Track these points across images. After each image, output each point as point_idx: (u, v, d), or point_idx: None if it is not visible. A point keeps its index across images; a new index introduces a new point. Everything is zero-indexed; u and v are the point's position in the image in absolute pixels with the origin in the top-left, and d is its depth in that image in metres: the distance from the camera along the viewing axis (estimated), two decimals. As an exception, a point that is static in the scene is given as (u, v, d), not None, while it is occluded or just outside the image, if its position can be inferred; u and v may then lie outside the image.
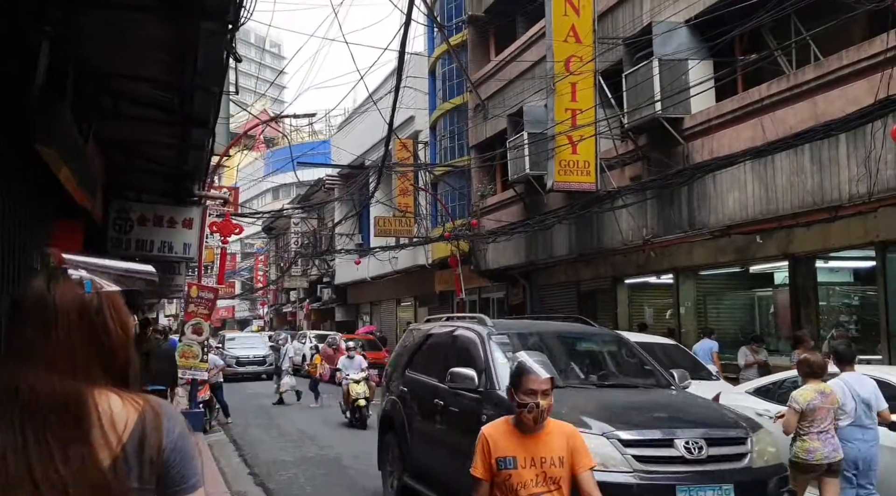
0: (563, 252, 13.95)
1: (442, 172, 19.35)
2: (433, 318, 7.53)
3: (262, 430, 12.00)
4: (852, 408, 4.83)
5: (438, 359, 5.90)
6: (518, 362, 2.76)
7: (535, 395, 2.62)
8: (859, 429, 4.83)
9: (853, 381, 4.94)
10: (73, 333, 1.19)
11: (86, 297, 1.23)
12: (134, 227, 7.16)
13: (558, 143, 11.39)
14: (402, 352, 7.08)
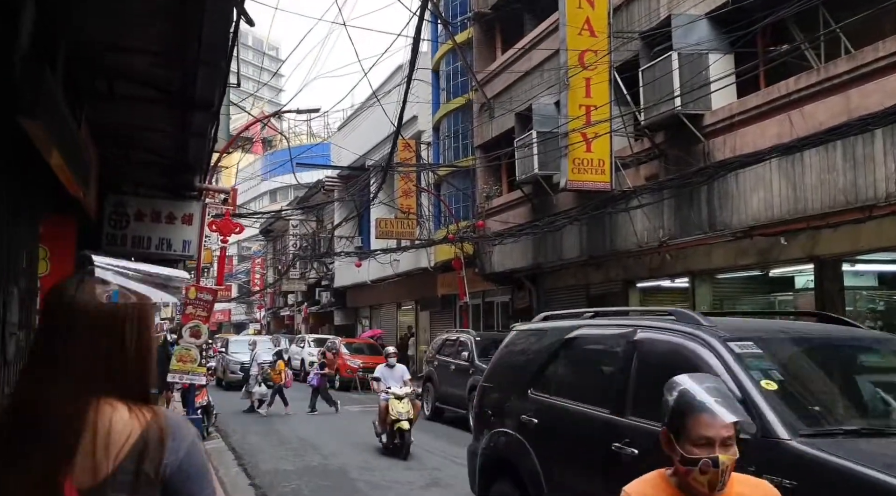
0: (573, 254, 13.54)
1: (446, 173, 18.95)
2: (560, 314, 5.21)
3: (261, 438, 11.52)
4: None
5: (603, 379, 4.01)
6: (679, 393, 1.87)
7: (711, 447, 1.77)
8: None
9: None
10: (87, 343, 1.19)
11: (106, 307, 1.22)
12: (130, 223, 6.71)
13: (572, 140, 10.99)
14: (512, 364, 4.94)
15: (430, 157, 20.67)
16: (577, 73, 10.89)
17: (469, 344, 12.65)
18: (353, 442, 10.99)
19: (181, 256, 6.95)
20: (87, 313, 1.20)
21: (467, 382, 12.04)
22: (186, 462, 1.22)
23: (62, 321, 1.20)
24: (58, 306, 1.21)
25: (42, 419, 1.15)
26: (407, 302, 25.13)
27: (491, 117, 16.88)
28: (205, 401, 12.28)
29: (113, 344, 1.21)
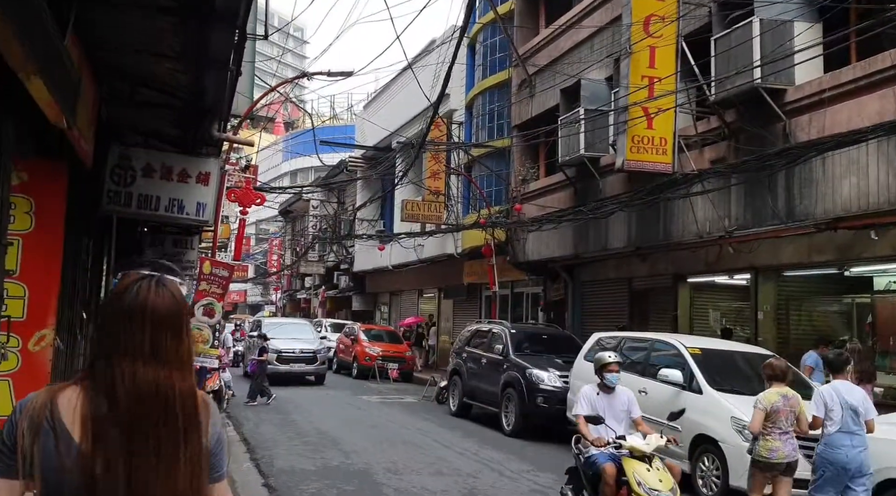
0: (620, 244, 12.42)
1: (480, 154, 17.83)
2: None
3: (276, 428, 10.62)
4: (839, 414, 4.95)
5: None
6: None
7: None
8: (847, 435, 4.94)
9: (842, 389, 5.06)
10: (189, 339, 1.46)
11: (184, 304, 1.48)
12: (137, 179, 5.76)
13: (631, 115, 9.86)
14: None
15: (461, 137, 19.58)
16: (641, 40, 9.75)
17: (503, 336, 11.64)
18: (376, 437, 10.05)
19: (195, 221, 5.99)
20: (185, 308, 1.46)
21: (501, 378, 11.05)
22: (222, 435, 1.48)
23: (176, 319, 1.43)
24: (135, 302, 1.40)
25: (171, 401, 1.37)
26: (429, 289, 24.16)
27: (531, 95, 15.75)
28: (216, 385, 11.42)
29: (188, 336, 1.46)
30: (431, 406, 14.16)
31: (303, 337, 18.00)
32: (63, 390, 1.36)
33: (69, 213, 4.79)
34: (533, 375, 10.37)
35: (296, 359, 16.97)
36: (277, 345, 16.49)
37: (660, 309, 13.24)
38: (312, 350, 17.32)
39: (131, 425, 1.32)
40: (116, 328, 1.38)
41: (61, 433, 1.31)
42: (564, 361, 10.81)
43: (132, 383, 1.34)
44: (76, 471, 1.29)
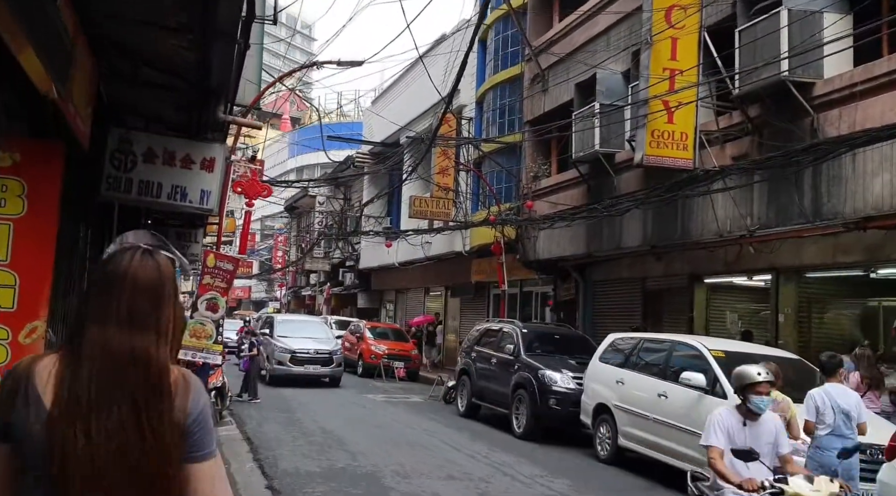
0: (635, 243, 12.08)
1: (491, 150, 17.50)
2: None
3: (280, 427, 10.33)
4: (832, 418, 4.97)
5: None
6: None
7: None
8: (838, 438, 4.95)
9: (834, 393, 5.07)
10: (171, 310, 1.42)
11: (175, 279, 1.48)
12: (138, 165, 5.47)
13: (652, 108, 9.52)
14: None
15: (471, 132, 19.26)
16: (662, 31, 9.41)
17: (514, 336, 11.32)
18: (383, 438, 9.75)
19: (198, 210, 5.69)
20: (170, 280, 1.43)
21: (511, 378, 10.73)
22: (204, 415, 1.41)
23: (157, 288, 1.40)
24: (153, 276, 1.41)
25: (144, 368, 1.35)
26: (436, 287, 23.85)
27: (544, 90, 15.41)
28: (219, 382, 11.12)
29: (179, 309, 1.46)
30: (438, 406, 13.86)
31: (318, 336, 16.66)
32: (43, 358, 1.37)
33: (65, 198, 4.50)
34: (545, 376, 10.05)
35: (311, 360, 15.63)
36: (291, 345, 15.47)
37: (674, 310, 12.89)
38: (328, 351, 15.87)
39: (98, 390, 1.31)
40: (96, 294, 1.40)
41: (33, 399, 1.31)
42: (578, 362, 10.49)
43: (102, 348, 1.34)
44: (43, 436, 1.28)
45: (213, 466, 1.42)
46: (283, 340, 15.86)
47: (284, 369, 15.18)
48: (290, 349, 15.38)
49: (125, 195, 5.46)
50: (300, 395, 14.11)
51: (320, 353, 15.70)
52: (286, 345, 15.53)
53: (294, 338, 15.83)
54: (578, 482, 7.74)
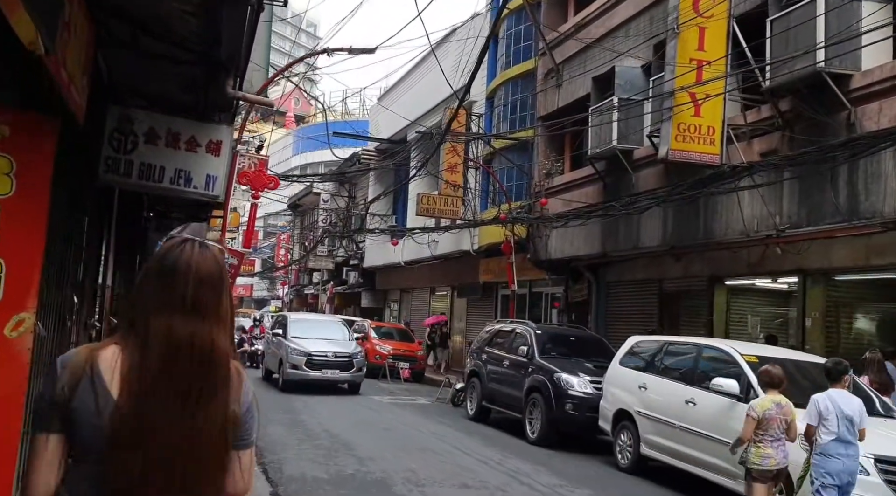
0: (653, 242, 11.66)
1: (503, 146, 17.06)
2: None
3: (284, 429, 9.92)
4: (835, 424, 4.95)
5: None
6: None
7: None
8: (842, 444, 4.94)
9: (838, 398, 5.04)
10: (230, 300, 1.49)
11: (226, 268, 1.56)
12: (139, 146, 5.06)
13: (677, 101, 9.10)
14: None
15: (481, 129, 18.84)
16: (689, 20, 8.99)
17: (528, 337, 10.90)
18: (391, 441, 9.33)
19: (203, 196, 5.27)
20: (225, 271, 1.51)
21: (525, 382, 10.31)
22: (254, 405, 1.53)
23: (218, 279, 1.47)
24: (215, 269, 1.47)
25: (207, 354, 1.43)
26: (442, 287, 23.43)
27: (558, 85, 15.00)
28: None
29: (229, 296, 1.51)
30: (446, 409, 13.44)
31: (335, 337, 15.17)
32: (104, 348, 1.42)
33: (58, 179, 4.10)
34: (562, 380, 9.63)
35: (329, 364, 14.06)
36: (306, 347, 14.04)
37: (692, 313, 12.46)
38: (348, 353, 14.36)
39: (162, 377, 1.37)
40: (158, 285, 1.43)
41: (100, 389, 1.36)
42: (595, 366, 10.07)
43: (167, 336, 1.39)
44: (109, 424, 1.33)
45: (252, 454, 1.54)
46: (298, 342, 14.32)
47: (300, 374, 13.79)
48: (305, 351, 13.93)
49: (125, 179, 5.06)
50: (304, 396, 13.70)
51: (339, 357, 14.20)
52: (301, 347, 14.04)
53: (310, 340, 14.44)
54: (600, 492, 7.32)
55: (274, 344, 15.25)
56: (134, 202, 9.60)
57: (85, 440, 1.34)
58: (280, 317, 17.16)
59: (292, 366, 13.86)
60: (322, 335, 14.90)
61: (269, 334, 16.23)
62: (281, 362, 14.23)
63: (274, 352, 15.10)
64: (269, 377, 15.69)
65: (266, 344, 16.77)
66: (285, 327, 15.07)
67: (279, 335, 14.81)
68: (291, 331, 14.79)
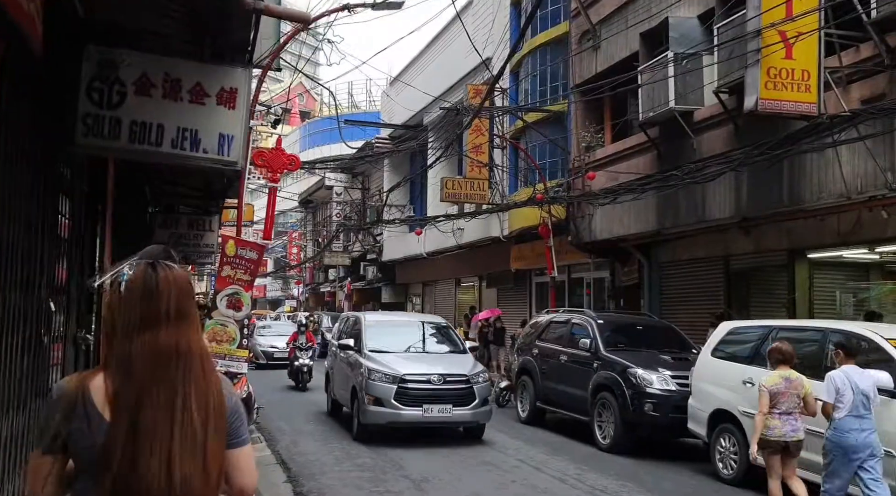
0: (723, 214, 10.27)
1: (535, 119, 15.63)
2: None
3: (318, 445, 8.68)
4: (850, 399, 5.02)
5: None
6: None
7: None
8: (856, 419, 5.00)
9: (853, 373, 5.11)
10: (194, 306, 1.62)
11: None
12: (128, 98, 3.78)
13: (765, 40, 7.71)
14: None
15: (506, 104, 17.44)
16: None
17: (589, 328, 9.57)
18: (443, 455, 8.06)
19: (218, 163, 3.98)
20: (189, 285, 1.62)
21: (591, 379, 8.99)
22: (238, 405, 1.63)
23: (190, 289, 1.60)
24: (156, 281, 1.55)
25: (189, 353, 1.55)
26: (468, 277, 22.12)
27: (595, 48, 13.60)
28: (244, 392, 9.47)
29: None
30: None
31: (439, 350, 9.76)
32: (93, 377, 1.52)
33: (11, 141, 2.83)
34: (638, 376, 8.30)
35: (433, 394, 8.51)
36: (395, 368, 8.65)
37: (766, 292, 11.10)
38: (463, 376, 8.74)
39: (147, 386, 1.47)
40: (141, 305, 1.52)
41: (93, 415, 1.47)
42: (674, 358, 8.74)
43: (151, 348, 1.50)
44: (105, 445, 1.44)
45: (248, 452, 1.65)
46: (381, 360, 8.92)
47: (387, 413, 8.42)
48: (394, 374, 8.57)
49: (111, 142, 3.77)
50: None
51: (452, 381, 8.63)
52: (387, 367, 8.71)
53: (397, 356, 9.15)
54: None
55: (343, 361, 9.89)
56: (135, 191, 8.37)
57: (83, 458, 1.48)
58: (350, 321, 10.97)
59: (374, 399, 8.48)
60: (417, 345, 9.69)
61: (335, 346, 10.81)
62: (355, 393, 8.95)
63: (344, 375, 9.74)
64: (337, 411, 10.45)
65: (331, 361, 10.95)
66: (358, 337, 9.61)
67: (350, 348, 9.59)
68: (369, 342, 9.34)
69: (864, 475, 4.96)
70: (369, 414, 8.56)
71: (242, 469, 1.60)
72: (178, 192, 9.28)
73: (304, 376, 14.33)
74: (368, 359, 8.97)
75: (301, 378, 14.35)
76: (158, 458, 1.43)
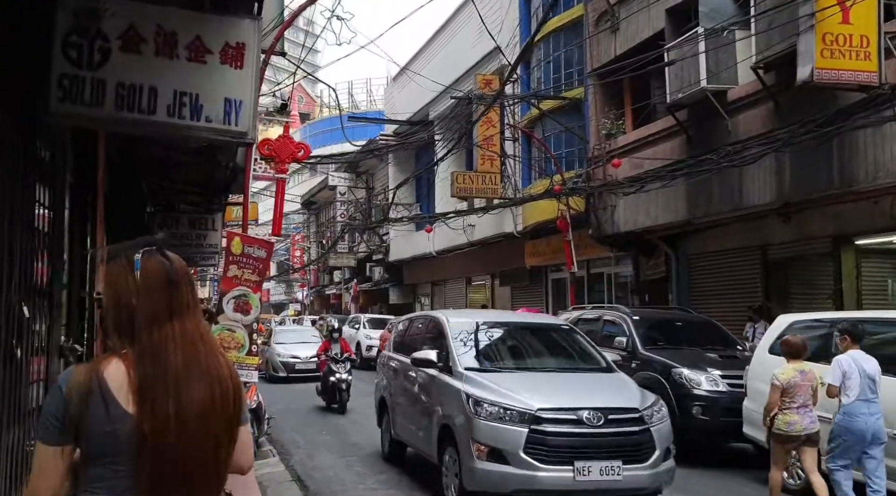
0: (763, 200, 9.59)
1: (553, 106, 14.91)
2: None
3: (337, 458, 7.98)
4: (857, 383, 5.10)
5: None
6: None
7: None
8: (864, 403, 5.08)
9: (860, 358, 5.20)
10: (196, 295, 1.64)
11: None
12: (113, 55, 3.09)
13: (819, 3, 7.01)
14: None
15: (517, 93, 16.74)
16: None
17: (625, 325, 8.88)
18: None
19: (223, 134, 3.29)
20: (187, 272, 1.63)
21: (629, 380, 8.26)
22: (239, 386, 1.65)
23: (183, 280, 1.59)
24: (174, 270, 1.59)
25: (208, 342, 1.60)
26: (479, 275, 21.43)
27: (614, 30, 12.92)
28: (254, 402, 8.80)
29: None
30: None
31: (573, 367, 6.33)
32: (107, 364, 1.51)
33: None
34: (683, 377, 7.61)
35: (590, 443, 5.10)
36: (522, 399, 5.24)
37: (808, 283, 10.41)
38: (634, 411, 5.32)
39: (183, 374, 1.50)
40: (164, 296, 1.55)
41: (110, 401, 1.47)
42: (721, 356, 8.04)
43: (182, 336, 1.53)
44: (127, 434, 1.45)
45: (247, 430, 1.67)
46: (491, 384, 5.54)
47: (513, 475, 5.02)
48: (523, 411, 5.16)
49: (93, 110, 3.09)
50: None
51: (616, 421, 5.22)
52: (507, 397, 5.33)
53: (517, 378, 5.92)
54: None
55: (413, 383, 6.69)
56: (131, 188, 7.68)
57: (97, 447, 1.46)
58: (424, 323, 7.44)
59: (488, 451, 5.15)
60: (539, 360, 6.61)
61: (393, 360, 7.54)
62: (446, 436, 5.73)
63: (417, 404, 6.57)
64: (399, 455, 7.42)
65: (388, 380, 7.57)
66: (445, 345, 6.26)
67: (430, 364, 6.17)
68: (464, 355, 6.05)
69: (868, 462, 5.08)
70: (479, 474, 5.15)
71: (242, 447, 1.62)
72: (178, 189, 8.58)
73: (342, 395, 11.09)
74: (469, 383, 5.60)
75: (339, 397, 11.11)
76: (208, 442, 1.49)
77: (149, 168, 7.50)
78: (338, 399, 11.15)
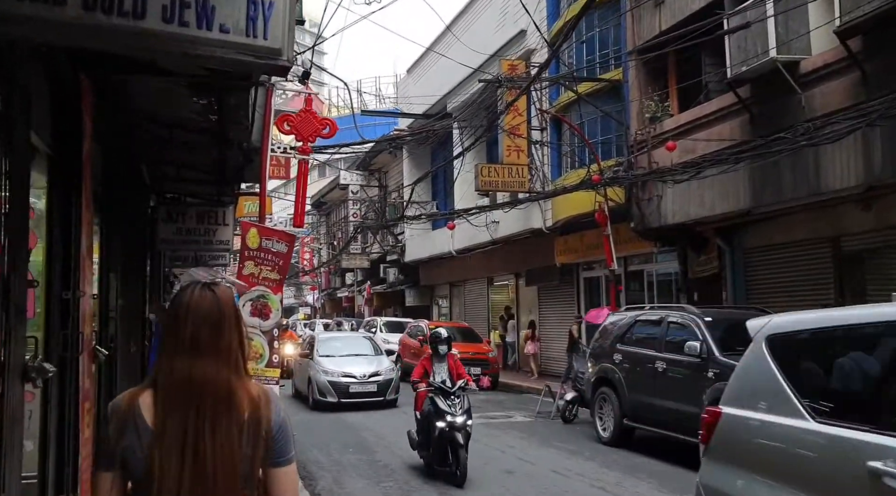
0: (847, 183, 8.44)
1: (589, 89, 13.76)
2: None
3: (368, 484, 6.89)
4: None
5: None
6: None
7: None
8: None
9: None
10: (233, 334, 1.63)
11: (236, 304, 1.71)
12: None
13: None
14: None
15: (545, 84, 15.64)
16: None
17: (696, 328, 7.75)
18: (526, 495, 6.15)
19: (246, 51, 2.23)
20: (232, 311, 1.64)
21: (704, 392, 7.17)
22: (285, 424, 1.64)
23: (219, 318, 1.61)
24: (212, 307, 1.61)
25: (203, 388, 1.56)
26: (502, 275, 20.32)
27: (658, 3, 11.80)
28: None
29: (242, 332, 1.66)
30: (557, 427, 10.39)
31: None
32: (143, 392, 1.58)
33: None
34: (777, 387, 6.46)
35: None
36: None
37: (889, 277, 9.25)
38: None
39: (170, 412, 1.54)
40: (169, 331, 1.61)
41: (143, 429, 1.53)
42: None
43: (169, 376, 1.57)
44: (149, 457, 1.52)
45: (292, 471, 1.66)
46: None
47: None
48: None
49: (52, 11, 2.01)
50: (367, 422, 10.72)
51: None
52: None
53: None
54: None
55: None
56: (131, 175, 6.64)
57: (135, 473, 1.53)
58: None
59: None
60: None
61: None
62: None
63: None
64: None
65: None
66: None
67: None
68: None
69: None
70: None
71: (285, 488, 1.62)
72: (183, 177, 7.54)
73: (457, 452, 6.73)
74: None
75: (454, 455, 6.76)
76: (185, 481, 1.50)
77: (149, 150, 6.46)
78: (451, 458, 6.77)
